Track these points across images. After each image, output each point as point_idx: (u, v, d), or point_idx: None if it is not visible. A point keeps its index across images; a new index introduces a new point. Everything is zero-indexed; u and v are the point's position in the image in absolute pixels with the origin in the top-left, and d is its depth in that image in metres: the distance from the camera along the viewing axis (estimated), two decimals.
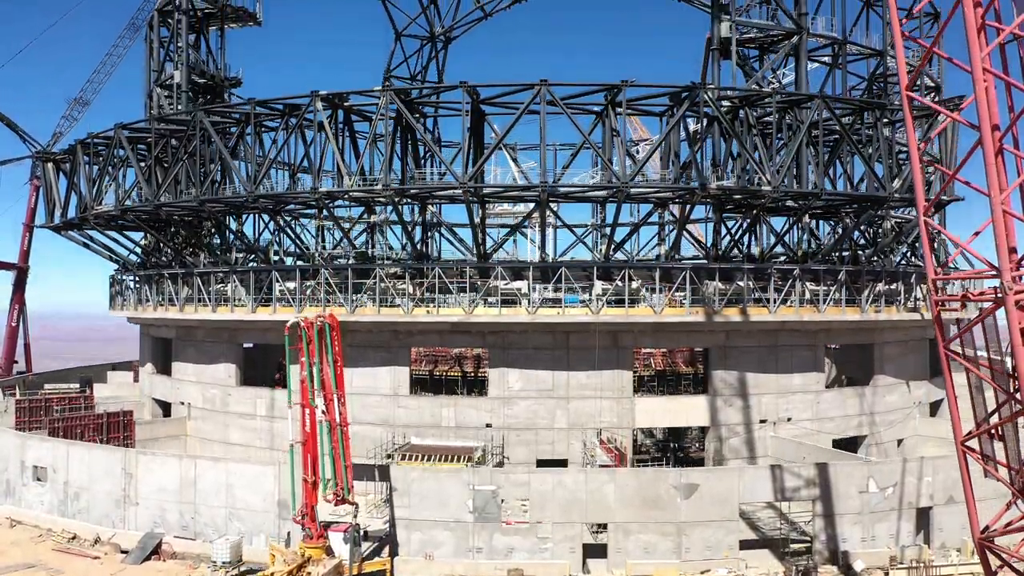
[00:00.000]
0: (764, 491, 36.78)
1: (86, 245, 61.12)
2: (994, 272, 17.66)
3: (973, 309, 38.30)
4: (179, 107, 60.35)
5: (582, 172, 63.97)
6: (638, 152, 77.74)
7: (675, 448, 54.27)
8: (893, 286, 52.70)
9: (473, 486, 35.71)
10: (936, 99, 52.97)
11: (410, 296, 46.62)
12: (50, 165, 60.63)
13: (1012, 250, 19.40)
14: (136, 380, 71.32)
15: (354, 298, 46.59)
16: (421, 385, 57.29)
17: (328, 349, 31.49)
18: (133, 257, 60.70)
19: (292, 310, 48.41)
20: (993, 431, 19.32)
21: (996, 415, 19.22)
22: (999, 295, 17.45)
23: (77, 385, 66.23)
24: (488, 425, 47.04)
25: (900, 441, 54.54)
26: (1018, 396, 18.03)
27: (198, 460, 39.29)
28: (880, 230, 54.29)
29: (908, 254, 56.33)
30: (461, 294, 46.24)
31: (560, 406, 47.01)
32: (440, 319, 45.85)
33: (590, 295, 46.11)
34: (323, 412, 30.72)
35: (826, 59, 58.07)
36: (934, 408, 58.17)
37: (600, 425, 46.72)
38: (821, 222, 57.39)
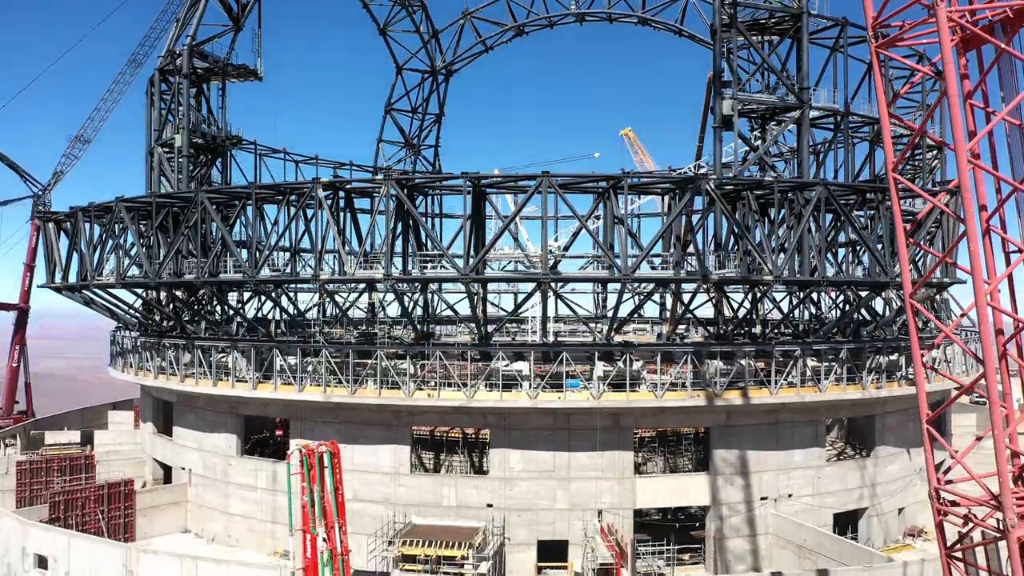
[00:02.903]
0: None
1: (87, 304, 61.11)
2: (996, 504, 17.66)
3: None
4: (180, 161, 60.18)
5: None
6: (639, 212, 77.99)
7: (678, 518, 53.97)
8: (894, 357, 52.72)
9: None
10: (938, 181, 52.96)
11: (411, 376, 46.69)
12: (51, 225, 60.54)
13: (1015, 454, 19.32)
14: (137, 426, 71.40)
15: (356, 376, 46.73)
16: (422, 444, 57.31)
17: (330, 473, 31.46)
18: (131, 317, 60.70)
19: (293, 388, 48.55)
20: None
21: None
22: (1001, 527, 17.46)
23: (78, 440, 66.17)
24: (489, 505, 47.09)
25: (901, 509, 54.64)
26: None
27: (199, 561, 39.25)
28: (882, 298, 54.29)
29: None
30: (462, 372, 46.34)
31: (561, 487, 47.04)
32: (441, 403, 45.91)
33: (591, 376, 46.20)
34: (324, 540, 30.71)
35: (828, 123, 58.00)
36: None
37: (600, 506, 46.82)
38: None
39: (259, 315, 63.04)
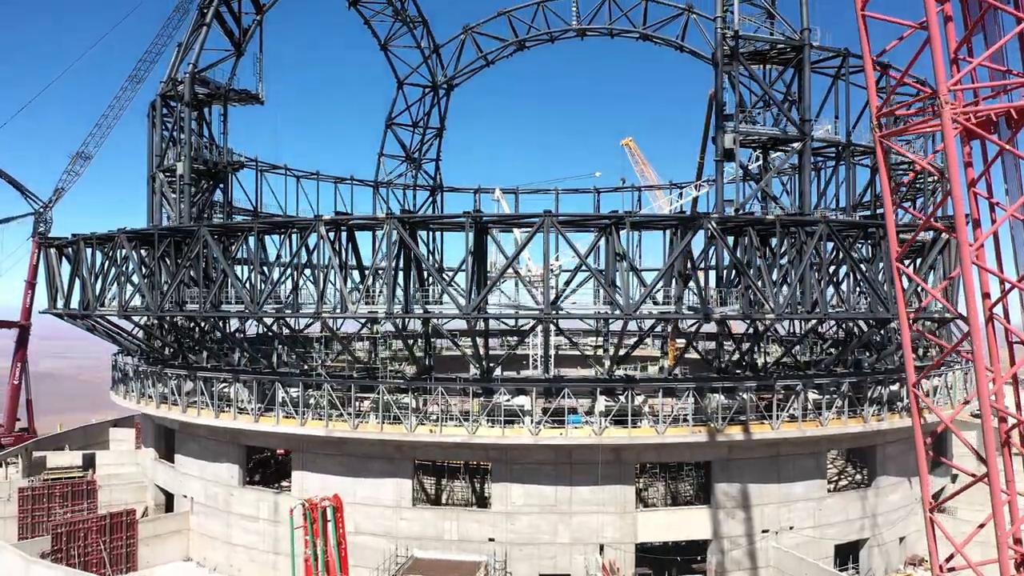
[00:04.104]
0: None
1: (90, 330, 61.16)
2: None
3: None
4: (181, 187, 60.15)
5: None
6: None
7: (680, 546, 53.92)
8: (895, 388, 52.73)
9: None
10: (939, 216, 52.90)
11: (413, 410, 46.76)
12: (53, 251, 60.47)
13: (1017, 540, 19.37)
14: (138, 445, 71.52)
15: (358, 410, 46.84)
16: (424, 471, 57.42)
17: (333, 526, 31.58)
18: (132, 345, 60.75)
19: (295, 421, 48.60)
20: None
21: None
22: None
23: (79, 463, 66.17)
24: (491, 539, 47.17)
25: (902, 539, 54.69)
26: None
27: None
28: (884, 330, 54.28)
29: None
30: (463, 406, 46.45)
31: (563, 521, 47.11)
32: (443, 439, 46.00)
33: (592, 411, 46.24)
34: None
35: (830, 151, 58.04)
36: (935, 499, 58.13)
37: (602, 540, 46.90)
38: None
39: (260, 332, 62.86)
